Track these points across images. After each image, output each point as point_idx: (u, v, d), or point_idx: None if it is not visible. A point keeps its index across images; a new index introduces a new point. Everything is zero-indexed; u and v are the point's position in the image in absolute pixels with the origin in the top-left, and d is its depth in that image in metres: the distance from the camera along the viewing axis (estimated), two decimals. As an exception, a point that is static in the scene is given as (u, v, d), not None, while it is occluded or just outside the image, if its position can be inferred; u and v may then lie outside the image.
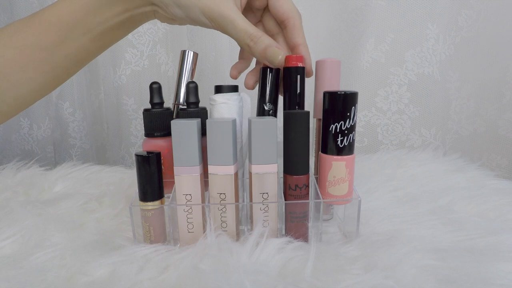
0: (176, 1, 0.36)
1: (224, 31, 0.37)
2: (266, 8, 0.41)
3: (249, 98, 0.48)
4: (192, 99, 0.42)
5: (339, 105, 0.37)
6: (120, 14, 0.38)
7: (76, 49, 0.39)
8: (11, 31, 0.38)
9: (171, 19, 0.39)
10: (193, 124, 0.36)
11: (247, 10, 0.42)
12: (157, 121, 0.43)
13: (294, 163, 0.37)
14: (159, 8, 0.38)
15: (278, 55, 0.37)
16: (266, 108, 0.42)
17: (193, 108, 0.42)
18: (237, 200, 0.38)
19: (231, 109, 0.40)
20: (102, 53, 0.43)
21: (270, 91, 0.42)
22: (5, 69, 0.38)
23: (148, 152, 0.37)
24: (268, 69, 0.42)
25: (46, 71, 0.39)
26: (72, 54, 0.39)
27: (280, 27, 0.42)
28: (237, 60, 0.47)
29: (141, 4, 0.38)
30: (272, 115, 0.43)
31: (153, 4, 0.38)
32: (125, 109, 0.86)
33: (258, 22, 0.44)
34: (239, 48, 0.82)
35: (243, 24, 0.36)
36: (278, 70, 0.42)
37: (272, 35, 0.43)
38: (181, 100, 0.46)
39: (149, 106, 0.43)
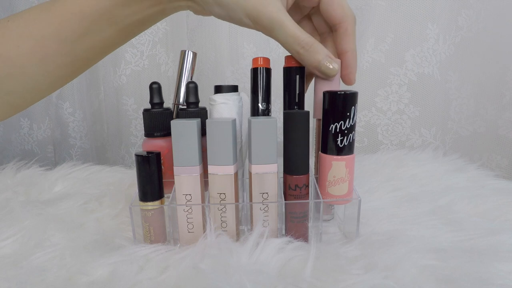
0: (218, 1, 0.33)
1: (270, 34, 0.34)
2: (316, 7, 0.38)
3: (249, 98, 0.48)
4: (192, 99, 0.42)
5: (339, 105, 0.37)
6: (151, 7, 0.35)
7: (100, 41, 0.36)
8: (28, 20, 0.35)
9: (207, 14, 0.37)
10: (193, 124, 0.36)
11: (294, 6, 0.38)
12: (157, 121, 0.43)
13: (294, 163, 0.37)
14: (197, 4, 0.35)
15: (333, 72, 0.34)
16: (261, 107, 0.42)
17: (193, 108, 0.42)
18: (237, 200, 0.38)
19: (231, 109, 0.40)
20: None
21: (264, 90, 0.42)
22: (21, 61, 0.35)
23: (148, 152, 0.37)
24: (259, 69, 0.42)
25: (65, 64, 0.37)
26: (95, 47, 0.37)
27: (330, 29, 0.39)
28: (237, 60, 0.47)
29: (179, 3, 0.35)
30: (267, 115, 0.43)
31: (194, 3, 0.35)
32: (125, 109, 0.86)
33: (305, 17, 0.40)
34: (239, 48, 0.82)
35: (293, 28, 0.33)
36: (268, 69, 0.42)
37: (320, 34, 0.40)
38: (181, 100, 0.46)
39: (149, 106, 0.43)
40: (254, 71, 0.43)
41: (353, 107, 0.37)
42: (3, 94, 0.37)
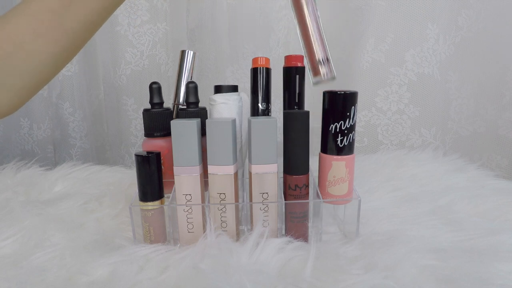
0: None
1: None
2: None
3: (248, 98, 0.48)
4: (192, 99, 0.42)
5: (339, 105, 0.37)
6: None
7: (82, 10, 0.40)
8: (30, 0, 0.40)
9: None
10: (193, 124, 0.36)
11: None
12: (157, 121, 0.43)
13: (294, 163, 0.37)
14: None
15: None
16: (261, 107, 0.42)
17: (193, 108, 0.42)
18: (237, 200, 0.38)
19: (231, 109, 0.40)
20: (102, 53, 0.43)
21: (263, 90, 0.42)
22: (19, 37, 0.39)
23: (148, 152, 0.37)
24: (259, 69, 0.42)
25: (57, 38, 0.40)
26: (78, 18, 0.40)
27: None
28: (237, 60, 0.47)
29: None
30: (267, 115, 0.43)
31: None
32: (125, 109, 0.86)
33: None
34: (239, 48, 0.82)
35: None
36: (268, 69, 0.42)
37: None
38: (181, 100, 0.46)
39: (149, 106, 0.43)
40: (254, 71, 0.43)
41: (353, 107, 0.37)
42: (7, 75, 0.40)
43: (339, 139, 0.38)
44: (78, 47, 0.44)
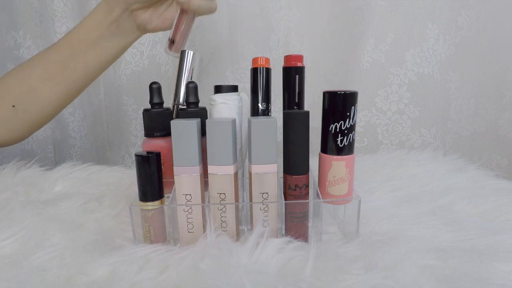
0: None
1: None
2: None
3: (248, 98, 0.48)
4: (192, 99, 0.42)
5: (339, 105, 0.37)
6: (110, 25, 0.50)
7: (83, 62, 0.52)
8: (42, 53, 0.52)
9: (143, 19, 0.51)
10: (193, 124, 0.36)
11: None
12: (157, 121, 0.43)
13: (294, 163, 0.37)
14: (129, 7, 0.49)
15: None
16: (261, 107, 0.42)
17: (193, 108, 0.42)
18: (237, 200, 0.38)
19: (231, 109, 0.40)
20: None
21: (263, 90, 0.42)
22: (34, 83, 0.51)
23: (148, 152, 0.37)
24: (259, 69, 0.42)
25: (61, 82, 0.52)
26: (80, 67, 0.52)
27: None
28: (237, 60, 0.48)
29: (119, 12, 0.50)
30: (267, 115, 0.43)
31: (125, 8, 0.49)
32: (125, 109, 0.86)
33: None
34: (239, 48, 0.82)
35: None
36: (268, 69, 0.42)
37: None
38: (181, 100, 0.46)
39: (149, 106, 0.43)
40: (254, 71, 0.43)
41: (353, 107, 0.37)
42: (21, 112, 0.52)
43: (339, 139, 0.38)
44: (80, 91, 0.55)
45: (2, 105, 0.52)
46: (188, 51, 0.46)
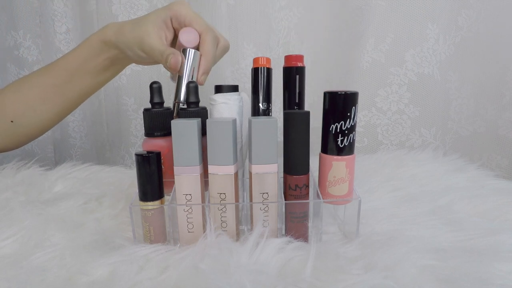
0: (127, 44, 0.49)
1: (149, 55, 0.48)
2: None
3: (249, 98, 0.48)
4: (192, 99, 0.42)
5: (340, 105, 0.37)
6: (105, 60, 0.53)
7: (79, 85, 0.55)
8: (38, 74, 0.56)
9: (136, 60, 0.53)
10: (193, 124, 0.36)
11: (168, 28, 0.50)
12: (157, 121, 0.43)
13: (294, 163, 0.37)
14: (124, 53, 0.51)
15: (169, 65, 0.45)
16: (261, 107, 0.42)
17: (193, 108, 0.42)
18: (237, 200, 0.38)
19: (231, 109, 0.40)
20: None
21: (264, 90, 0.42)
22: (32, 102, 0.55)
23: (148, 152, 0.37)
24: (260, 68, 0.42)
25: (58, 103, 0.56)
26: (76, 90, 0.56)
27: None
28: (237, 60, 0.48)
29: (116, 53, 0.52)
30: (267, 114, 0.43)
31: (121, 51, 0.51)
32: (125, 109, 0.86)
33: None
34: (239, 48, 0.82)
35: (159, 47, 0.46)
36: (269, 69, 0.42)
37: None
38: (182, 98, 0.46)
39: (149, 106, 0.43)
40: (255, 71, 0.43)
41: (353, 107, 0.37)
42: (20, 126, 0.56)
43: (339, 139, 0.38)
44: (76, 107, 0.59)
45: (1, 120, 0.55)
46: (189, 50, 0.46)
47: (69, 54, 0.55)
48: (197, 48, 0.47)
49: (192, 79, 0.46)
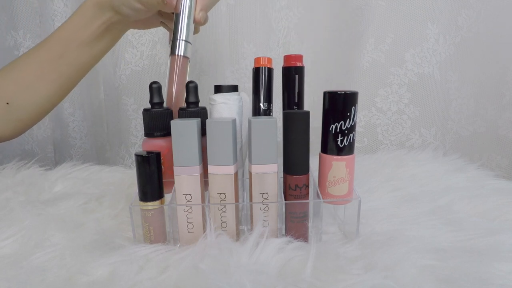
0: (121, 0, 0.47)
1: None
2: None
3: (248, 98, 0.48)
4: (192, 99, 0.42)
5: (339, 105, 0.37)
6: (101, 26, 0.51)
7: (74, 59, 0.52)
8: (32, 50, 0.53)
9: (132, 22, 0.52)
10: (193, 124, 0.36)
11: None
12: (157, 121, 0.43)
13: (294, 163, 0.37)
14: (118, 12, 0.49)
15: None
16: (262, 107, 0.42)
17: (193, 108, 0.42)
18: (237, 200, 0.38)
19: (231, 109, 0.40)
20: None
21: (265, 90, 0.42)
22: (27, 81, 0.52)
23: (148, 152, 0.37)
24: (261, 68, 0.42)
25: (54, 79, 0.53)
26: (72, 63, 0.53)
27: None
28: (237, 60, 0.48)
29: (110, 15, 0.50)
30: (268, 114, 0.43)
31: (117, 12, 0.49)
32: (125, 109, 0.86)
33: None
34: (239, 48, 0.82)
35: None
36: (270, 69, 0.42)
37: None
38: (184, 36, 0.45)
39: (149, 106, 0.43)
40: (256, 71, 0.42)
41: (353, 107, 0.37)
42: (16, 109, 0.52)
43: (339, 139, 0.38)
44: (73, 86, 0.56)
45: None
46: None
47: (63, 25, 0.52)
48: None
49: (191, 16, 0.45)
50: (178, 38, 0.44)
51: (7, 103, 0.52)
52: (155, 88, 0.42)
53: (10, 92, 0.52)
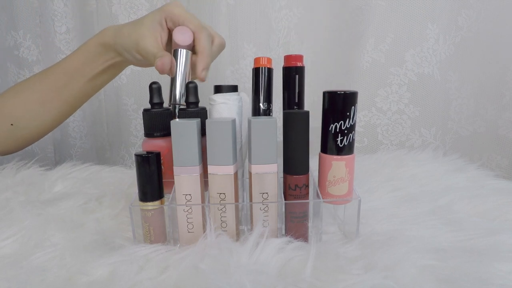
0: (124, 47, 0.50)
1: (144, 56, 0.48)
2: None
3: (248, 98, 0.48)
4: (192, 99, 0.42)
5: (339, 105, 0.37)
6: (104, 63, 0.54)
7: (78, 88, 0.56)
8: (37, 77, 0.57)
9: (134, 63, 0.54)
10: (193, 124, 0.36)
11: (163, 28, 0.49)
12: (157, 121, 0.43)
13: (294, 163, 0.37)
14: (122, 56, 0.52)
15: (157, 68, 0.45)
16: (262, 107, 0.42)
17: (193, 108, 0.42)
18: (237, 200, 0.38)
19: (231, 109, 0.40)
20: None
21: (264, 90, 0.42)
22: (32, 106, 0.56)
23: (148, 152, 0.37)
24: (261, 68, 0.42)
25: (57, 106, 0.57)
26: (74, 93, 0.56)
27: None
28: (237, 60, 0.48)
29: (113, 56, 0.53)
30: (268, 114, 0.43)
31: (119, 54, 0.52)
32: (125, 109, 0.86)
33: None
34: (239, 48, 0.82)
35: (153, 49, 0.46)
36: (270, 69, 0.42)
37: None
38: (177, 99, 0.46)
39: (149, 106, 0.43)
40: (256, 71, 0.43)
41: (353, 107, 0.37)
42: (20, 129, 0.57)
43: (339, 139, 0.38)
44: (73, 111, 0.60)
45: (1, 123, 0.56)
46: (180, 50, 0.46)
47: (68, 58, 0.55)
48: (192, 47, 0.47)
49: (187, 79, 0.46)
50: (173, 102, 0.46)
51: (12, 124, 0.56)
52: (155, 88, 0.42)
53: (15, 115, 0.56)
